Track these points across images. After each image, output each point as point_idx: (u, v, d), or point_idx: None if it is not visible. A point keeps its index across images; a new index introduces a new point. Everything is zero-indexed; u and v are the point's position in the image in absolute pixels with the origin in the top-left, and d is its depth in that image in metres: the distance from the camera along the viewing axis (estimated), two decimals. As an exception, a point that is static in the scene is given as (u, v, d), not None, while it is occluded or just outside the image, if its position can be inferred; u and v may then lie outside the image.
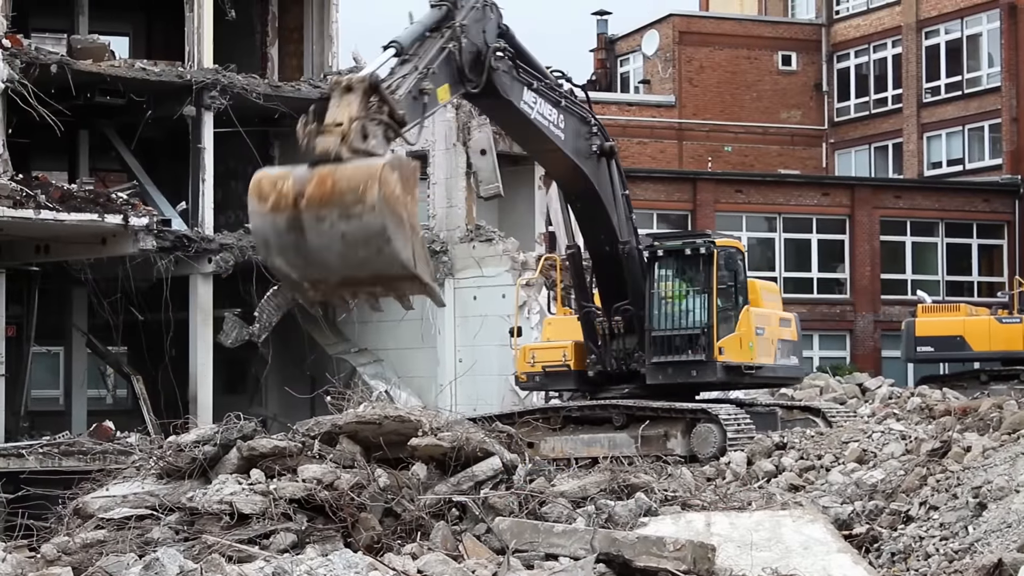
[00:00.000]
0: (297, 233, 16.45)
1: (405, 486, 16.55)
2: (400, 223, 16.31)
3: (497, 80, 21.10)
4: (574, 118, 23.26)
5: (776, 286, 28.29)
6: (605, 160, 23.87)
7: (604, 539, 14.83)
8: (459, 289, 35.41)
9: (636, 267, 24.64)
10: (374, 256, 16.34)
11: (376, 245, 16.22)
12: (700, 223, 51.69)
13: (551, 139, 22.71)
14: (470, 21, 20.28)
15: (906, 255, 55.15)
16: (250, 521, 15.69)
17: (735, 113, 62.76)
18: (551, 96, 22.58)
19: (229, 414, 17.75)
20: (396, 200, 16.25)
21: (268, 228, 16.63)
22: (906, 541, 15.63)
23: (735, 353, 24.60)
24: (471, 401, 30.64)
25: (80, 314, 36.90)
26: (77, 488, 17.79)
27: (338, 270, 16.67)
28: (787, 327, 26.13)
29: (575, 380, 25.63)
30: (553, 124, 22.65)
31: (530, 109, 22.08)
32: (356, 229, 16.19)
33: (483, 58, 20.58)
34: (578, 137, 23.38)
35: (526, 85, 21.91)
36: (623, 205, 24.35)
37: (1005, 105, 57.37)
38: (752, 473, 20.40)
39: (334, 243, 16.34)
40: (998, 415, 20.60)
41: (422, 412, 18.00)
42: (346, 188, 16.24)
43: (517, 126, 22.75)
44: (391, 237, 16.17)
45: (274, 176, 16.76)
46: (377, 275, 16.69)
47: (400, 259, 16.38)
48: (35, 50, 32.76)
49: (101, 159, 38.50)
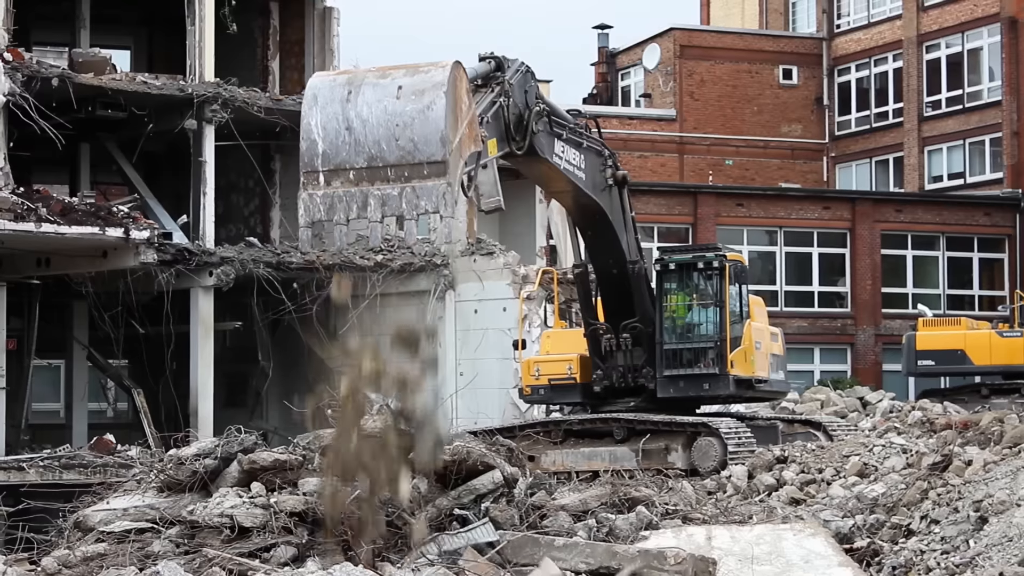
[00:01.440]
0: (353, 87, 16.24)
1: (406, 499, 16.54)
2: (454, 110, 16.03)
3: (537, 142, 21.27)
4: (592, 154, 23.48)
5: (763, 301, 28.33)
6: (618, 189, 24.06)
7: (605, 553, 14.83)
8: (460, 302, 35.41)
9: (644, 285, 24.76)
10: (420, 113, 15.91)
11: (431, 96, 15.89)
12: (701, 237, 51.71)
13: (575, 183, 22.93)
14: (516, 82, 20.30)
15: (907, 269, 55.16)
16: (251, 534, 15.68)
17: (736, 127, 62.82)
18: (575, 140, 22.79)
19: (230, 427, 17.74)
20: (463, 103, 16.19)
21: (325, 83, 16.42)
22: (907, 555, 15.62)
23: (742, 366, 24.67)
24: (472, 414, 30.61)
25: (81, 327, 36.90)
26: (78, 501, 17.76)
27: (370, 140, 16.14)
28: (776, 341, 26.27)
29: (581, 393, 25.64)
30: (577, 168, 22.79)
31: (560, 160, 22.26)
32: (418, 80, 16.00)
33: (526, 121, 20.68)
34: (595, 172, 23.59)
35: (556, 137, 22.10)
36: (632, 228, 24.49)
37: (1006, 119, 57.42)
38: (753, 487, 20.39)
39: (388, 95, 16.02)
40: (999, 429, 20.60)
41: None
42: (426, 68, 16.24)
43: (547, 178, 23.06)
44: (447, 95, 15.90)
45: None
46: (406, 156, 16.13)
47: (442, 127, 15.99)
48: (36, 63, 32.79)
49: (102, 172, 38.53)
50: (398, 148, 16.05)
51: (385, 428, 16.81)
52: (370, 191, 16.45)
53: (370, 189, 16.45)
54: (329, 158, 16.30)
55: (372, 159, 16.20)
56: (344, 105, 16.28)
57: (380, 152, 16.15)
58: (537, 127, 21.07)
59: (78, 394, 37.64)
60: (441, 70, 16.03)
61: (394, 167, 16.20)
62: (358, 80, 16.26)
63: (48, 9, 38.49)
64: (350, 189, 16.47)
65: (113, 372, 37.92)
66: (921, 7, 60.80)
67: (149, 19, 40.82)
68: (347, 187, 16.47)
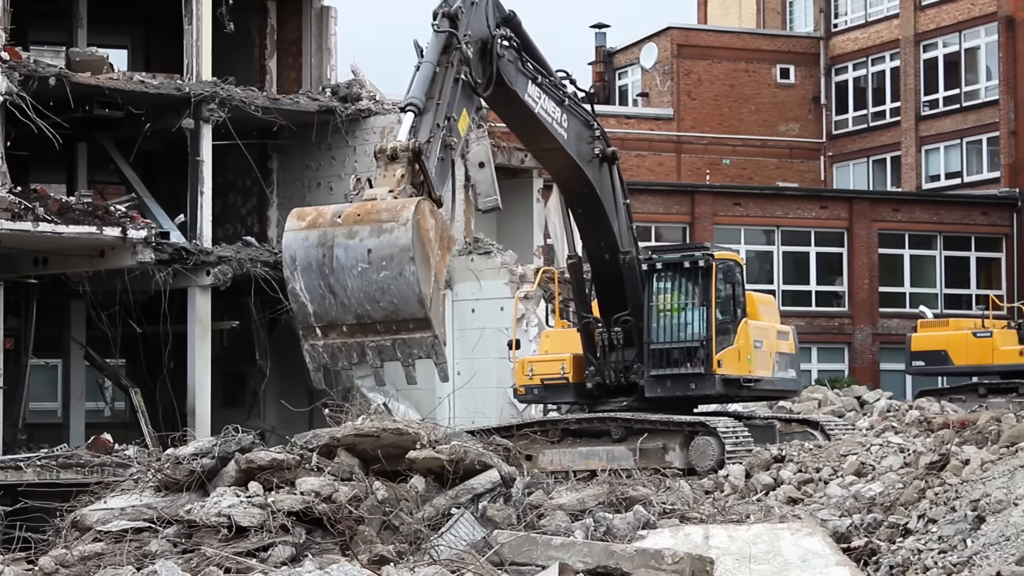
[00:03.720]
0: (325, 249, 16.91)
1: (403, 499, 16.55)
2: (426, 258, 16.77)
3: (503, 68, 21.36)
4: (577, 120, 23.41)
5: (773, 299, 28.28)
6: (607, 166, 23.99)
7: (602, 552, 14.83)
8: (457, 302, 35.39)
9: (636, 278, 24.65)
10: (394, 280, 16.65)
11: (400, 264, 16.60)
12: (698, 236, 51.73)
13: (554, 137, 22.88)
14: (471, 20, 20.50)
15: (904, 268, 55.20)
16: (248, 534, 15.68)
17: (733, 126, 62.84)
18: (555, 94, 22.75)
19: (227, 427, 17.74)
20: (427, 236, 16.82)
21: (299, 243, 17.09)
22: (904, 554, 15.63)
23: (734, 366, 24.59)
24: (469, 414, 30.59)
25: (78, 327, 36.86)
26: (75, 501, 17.76)
27: (354, 302, 16.91)
28: (785, 340, 26.13)
29: (573, 393, 25.60)
30: (556, 122, 22.81)
31: (534, 103, 22.27)
32: (384, 243, 16.66)
33: (489, 47, 20.91)
34: (580, 140, 23.54)
35: (531, 79, 22.13)
36: (624, 214, 24.42)
37: (1003, 118, 57.44)
38: (750, 486, 20.40)
39: (360, 261, 16.73)
40: (996, 428, 20.61)
41: (420, 425, 17.98)
42: (383, 208, 16.88)
43: (521, 119, 22.85)
44: (415, 257, 16.56)
45: (313, 208, 17.62)
46: (391, 314, 16.87)
47: (418, 289, 16.70)
48: (34, 63, 32.75)
49: (99, 172, 38.48)
50: (381, 309, 16.86)
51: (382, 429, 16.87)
52: (365, 342, 17.24)
53: (364, 340, 17.24)
54: (321, 317, 17.08)
55: (360, 317, 17.02)
56: (322, 270, 17.02)
57: (366, 312, 16.95)
58: (501, 52, 21.18)
59: (75, 393, 37.60)
60: (403, 229, 16.64)
61: (381, 323, 17.01)
62: (328, 239, 16.94)
63: (45, 8, 38.45)
64: (347, 340, 17.27)
65: (110, 371, 37.89)
66: (918, 6, 60.84)
67: (146, 18, 40.78)
68: (343, 339, 17.27)
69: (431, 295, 16.79)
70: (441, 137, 19.15)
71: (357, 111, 36.63)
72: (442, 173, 19.02)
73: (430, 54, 19.93)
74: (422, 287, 16.65)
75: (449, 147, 19.26)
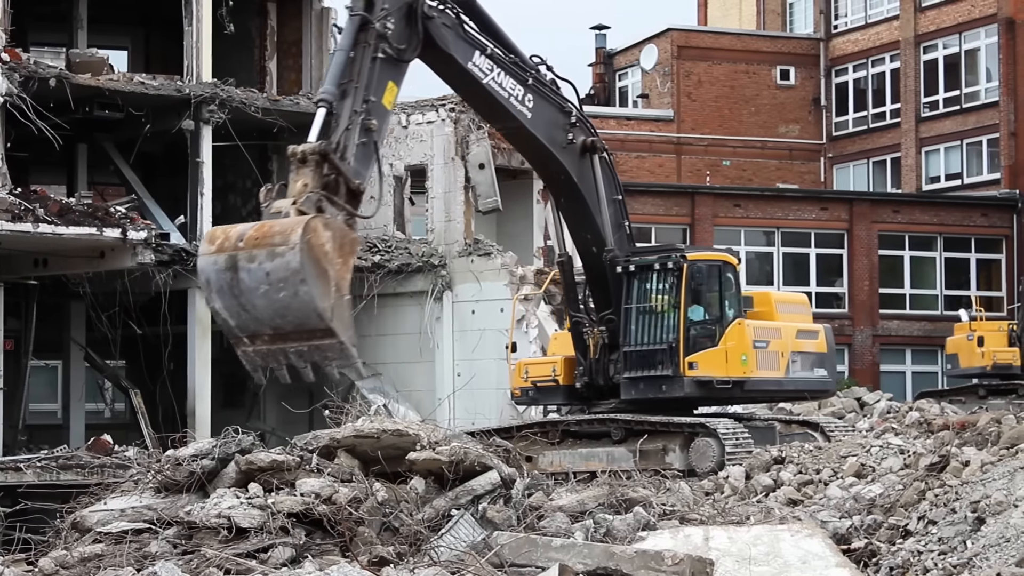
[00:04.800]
0: (232, 272, 17.84)
1: (403, 500, 16.55)
2: (322, 274, 17.71)
3: (435, 31, 21.39)
4: (548, 104, 23.40)
5: (802, 298, 27.90)
6: (589, 156, 23.93)
7: (602, 553, 14.83)
8: (457, 303, 35.42)
9: (618, 278, 24.63)
10: (292, 299, 17.64)
11: (293, 285, 17.58)
12: (698, 237, 51.75)
13: (513, 115, 22.95)
14: None
15: (904, 269, 55.21)
16: (248, 535, 15.68)
17: (733, 127, 62.84)
18: (514, 71, 22.78)
19: (227, 428, 17.75)
20: (323, 252, 17.74)
21: (210, 267, 18.04)
22: (904, 556, 15.61)
23: (716, 367, 24.34)
24: (469, 415, 30.60)
25: (78, 328, 36.88)
26: (75, 502, 17.76)
27: (266, 317, 17.94)
28: (811, 339, 25.79)
29: (564, 395, 25.59)
30: (516, 99, 22.84)
31: (482, 74, 22.33)
32: (278, 266, 17.62)
33: (415, 7, 20.91)
34: (552, 125, 23.52)
35: (478, 48, 22.22)
36: (611, 209, 24.26)
37: (1003, 120, 57.45)
38: (750, 487, 20.37)
39: (261, 283, 17.69)
40: (996, 429, 20.58)
41: (420, 426, 17.98)
42: (277, 231, 17.77)
43: (466, 88, 23.03)
44: (306, 279, 17.54)
45: (225, 227, 18.47)
46: (299, 326, 17.88)
47: (315, 305, 17.62)
48: (34, 64, 32.77)
49: (100, 173, 38.50)
50: (289, 322, 17.82)
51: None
52: (286, 348, 18.18)
53: (285, 347, 18.17)
54: (243, 329, 18.06)
55: (275, 328, 17.99)
56: (232, 291, 17.90)
57: (278, 324, 17.93)
58: (431, 13, 21.17)
59: (75, 395, 37.61)
60: (293, 252, 17.46)
61: (294, 332, 17.99)
62: (233, 263, 17.84)
63: (46, 10, 38.47)
64: (270, 347, 18.25)
65: (110, 372, 37.90)
66: (918, 8, 60.84)
67: (146, 20, 40.80)
68: (267, 345, 18.23)
69: (330, 307, 17.76)
70: (360, 122, 19.48)
71: (357, 112, 36.57)
72: (364, 159, 19.50)
73: (344, 40, 20.34)
74: (318, 303, 17.56)
75: (369, 130, 19.56)
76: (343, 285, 18.08)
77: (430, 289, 35.52)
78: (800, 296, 27.24)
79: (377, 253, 35.71)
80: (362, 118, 19.59)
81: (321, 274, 17.65)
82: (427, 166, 36.24)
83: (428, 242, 36.18)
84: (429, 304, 35.44)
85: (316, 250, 17.66)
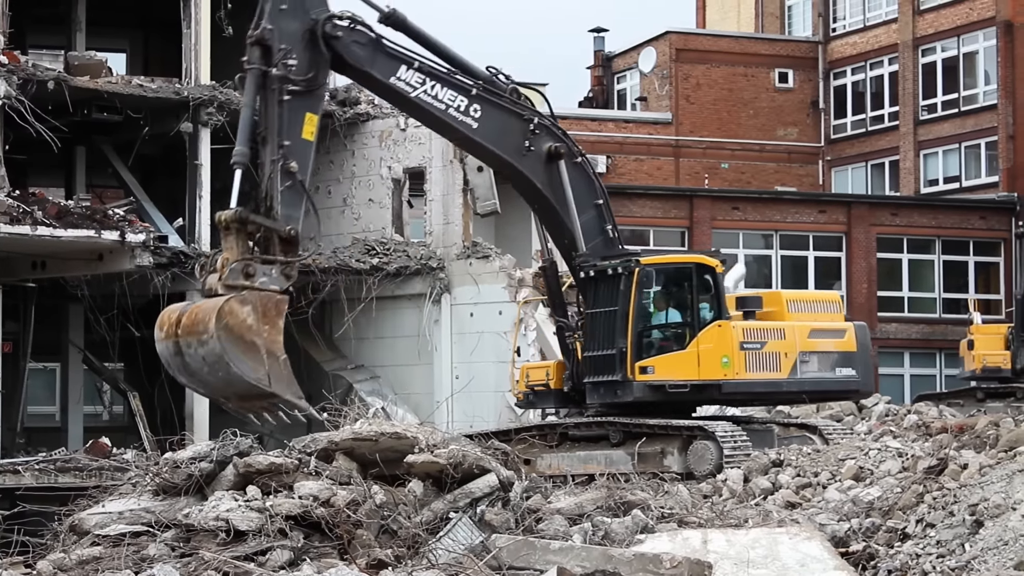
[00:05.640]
0: (180, 357, 19.41)
1: (401, 503, 16.55)
2: (249, 348, 19.15)
3: (344, 50, 21.70)
4: (501, 113, 23.42)
5: (825, 294, 27.15)
6: (555, 163, 23.88)
7: (600, 556, 14.83)
8: (456, 306, 35.41)
9: (582, 283, 24.65)
10: (227, 377, 19.17)
11: (224, 367, 19.04)
12: (697, 240, 51.76)
13: (455, 126, 23.14)
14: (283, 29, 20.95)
15: (903, 272, 55.21)
16: (246, 538, 15.68)
17: (732, 130, 62.83)
18: (453, 83, 22.86)
19: (225, 430, 17.75)
20: (245, 328, 19.13)
21: (164, 351, 19.65)
22: (903, 559, 15.61)
23: (682, 371, 24.17)
24: (468, 418, 30.61)
25: (76, 330, 36.87)
26: (73, 505, 17.77)
27: (219, 389, 19.68)
28: (833, 338, 25.36)
29: (555, 399, 25.62)
30: (456, 110, 22.97)
31: (409, 88, 22.55)
32: (207, 352, 19.11)
33: (316, 30, 21.24)
34: (507, 133, 23.54)
35: (404, 63, 22.40)
36: (591, 214, 24.19)
37: (1001, 122, 57.46)
38: (749, 490, 20.36)
39: (202, 365, 19.22)
40: (995, 432, 20.58)
41: (419, 429, 17.99)
42: (201, 318, 19.17)
43: (400, 104, 23.67)
44: (231, 362, 19.02)
45: (171, 309, 19.96)
46: (246, 394, 19.59)
47: (247, 381, 19.15)
48: (32, 66, 32.79)
49: (98, 175, 38.50)
50: (238, 393, 19.68)
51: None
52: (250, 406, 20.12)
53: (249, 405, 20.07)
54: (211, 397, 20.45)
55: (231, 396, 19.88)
56: (187, 371, 19.54)
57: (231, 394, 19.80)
58: (335, 32, 21.42)
59: (73, 397, 37.61)
60: (213, 340, 18.97)
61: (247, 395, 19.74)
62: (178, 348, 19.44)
63: (44, 12, 38.47)
64: (241, 405, 20.12)
65: (109, 375, 37.90)
66: (917, 11, 60.85)
67: (145, 22, 40.80)
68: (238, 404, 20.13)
69: (266, 374, 19.25)
70: (279, 169, 20.22)
71: (355, 115, 36.67)
72: (293, 202, 20.33)
73: (247, 97, 20.98)
74: (250, 376, 19.10)
75: (291, 173, 20.30)
76: (275, 349, 19.45)
77: (428, 292, 35.51)
78: (822, 294, 26.63)
79: (375, 256, 35.72)
80: (281, 164, 20.22)
81: (248, 348, 19.08)
82: (425, 168, 36.24)
83: (426, 245, 36.18)
84: (427, 307, 35.43)
85: (237, 329, 19.03)
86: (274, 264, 19.67)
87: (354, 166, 37.42)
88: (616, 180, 56.70)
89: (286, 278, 19.89)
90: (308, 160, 20.86)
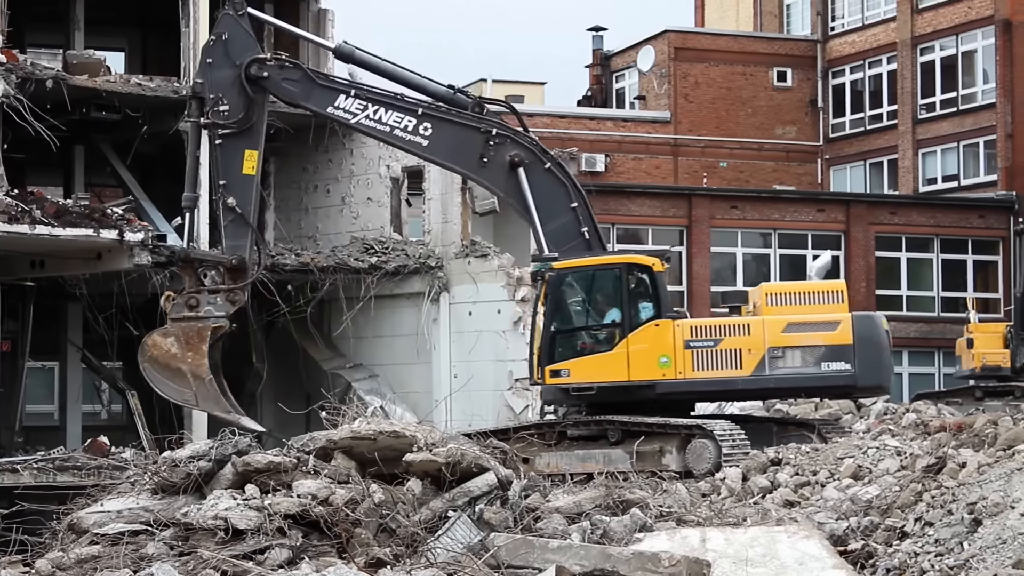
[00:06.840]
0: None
1: (400, 502, 16.56)
2: (175, 374, 22.90)
3: (275, 89, 23.92)
4: (453, 127, 24.09)
5: (832, 284, 26.08)
6: (515, 171, 24.10)
7: (599, 555, 14.84)
8: (454, 305, 35.43)
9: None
10: (170, 398, 23.67)
11: (161, 390, 23.09)
12: (695, 239, 51.77)
13: (403, 145, 24.44)
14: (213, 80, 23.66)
15: (901, 271, 55.21)
16: (245, 537, 15.68)
17: (730, 129, 62.82)
18: (398, 105, 23.99)
19: (224, 429, 17.76)
20: (170, 357, 22.86)
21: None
22: (901, 557, 15.63)
23: (605, 372, 24.08)
24: (466, 416, 30.62)
25: (75, 329, 36.86)
26: (72, 503, 17.78)
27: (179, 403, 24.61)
28: (817, 331, 24.50)
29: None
30: (403, 130, 24.05)
31: (349, 115, 24.04)
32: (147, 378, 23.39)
33: (239, 76, 23.62)
34: (459, 148, 24.19)
35: (341, 92, 23.93)
36: (567, 218, 24.28)
37: (1000, 121, 57.45)
38: (747, 489, 20.38)
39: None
40: (993, 431, 20.58)
41: (417, 427, 18.00)
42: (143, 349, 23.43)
43: (346, 129, 26.92)
44: (157, 387, 23.10)
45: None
46: (193, 408, 25.06)
47: (178, 401, 23.97)
48: (31, 65, 32.77)
49: (96, 174, 38.49)
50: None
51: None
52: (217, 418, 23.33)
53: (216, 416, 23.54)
54: None
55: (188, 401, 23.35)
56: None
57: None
58: (259, 73, 23.66)
59: (72, 396, 37.60)
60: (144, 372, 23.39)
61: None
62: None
63: (42, 11, 38.45)
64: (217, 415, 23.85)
65: (107, 374, 37.90)
66: (915, 9, 60.85)
67: (143, 21, 40.78)
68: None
69: (193, 395, 22.78)
70: (221, 205, 23.40)
71: (354, 114, 36.58)
72: (237, 233, 23.48)
73: (190, 145, 24.44)
74: (177, 398, 23.34)
75: (232, 208, 23.39)
76: (200, 372, 22.76)
77: (427, 291, 35.53)
78: (821, 284, 25.61)
79: (374, 255, 35.72)
80: (221, 201, 23.28)
81: (174, 374, 22.52)
82: (424, 167, 36.25)
83: (425, 244, 36.18)
84: (426, 305, 35.44)
85: (161, 359, 22.66)
86: (220, 293, 22.50)
87: (353, 165, 37.43)
88: (614, 179, 56.72)
89: (231, 304, 22.84)
90: (250, 193, 23.39)
